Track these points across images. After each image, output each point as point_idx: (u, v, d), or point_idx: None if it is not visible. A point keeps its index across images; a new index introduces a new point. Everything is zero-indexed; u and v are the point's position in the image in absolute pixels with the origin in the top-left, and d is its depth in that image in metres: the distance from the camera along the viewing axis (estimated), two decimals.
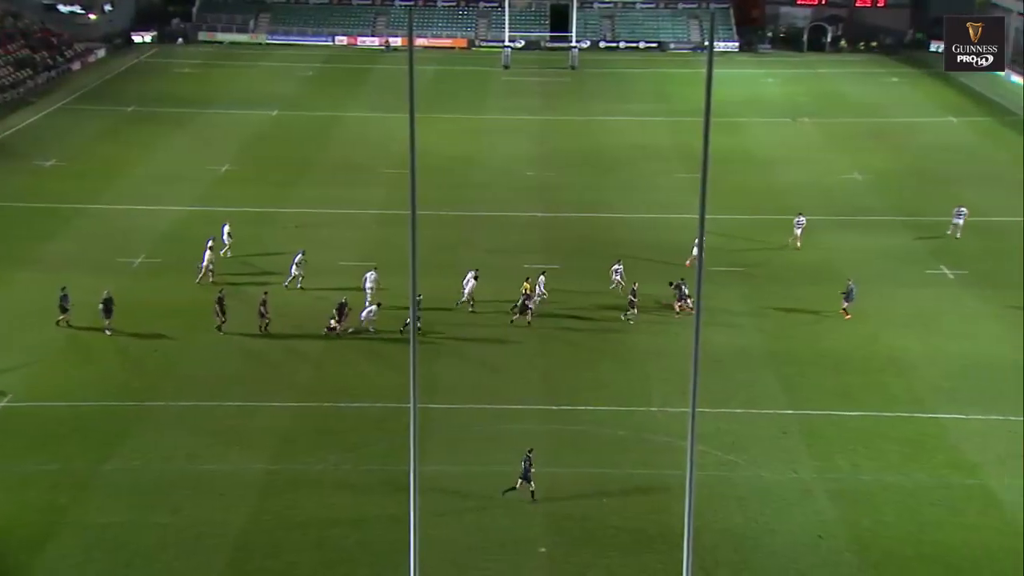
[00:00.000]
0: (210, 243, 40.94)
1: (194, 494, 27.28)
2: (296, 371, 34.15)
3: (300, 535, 25.75)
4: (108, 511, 26.59)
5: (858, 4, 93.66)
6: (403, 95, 17.51)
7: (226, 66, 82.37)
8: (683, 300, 37.42)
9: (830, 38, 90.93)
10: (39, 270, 41.25)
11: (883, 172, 55.89)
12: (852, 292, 37.41)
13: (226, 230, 43.07)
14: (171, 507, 26.73)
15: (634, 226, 47.72)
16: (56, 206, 49.11)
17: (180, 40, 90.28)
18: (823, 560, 24.98)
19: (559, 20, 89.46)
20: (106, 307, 35.81)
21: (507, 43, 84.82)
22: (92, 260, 42.41)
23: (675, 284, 37.79)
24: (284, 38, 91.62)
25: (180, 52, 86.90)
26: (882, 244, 45.32)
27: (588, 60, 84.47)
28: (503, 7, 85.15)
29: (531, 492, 26.83)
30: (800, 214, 44.17)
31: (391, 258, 39.80)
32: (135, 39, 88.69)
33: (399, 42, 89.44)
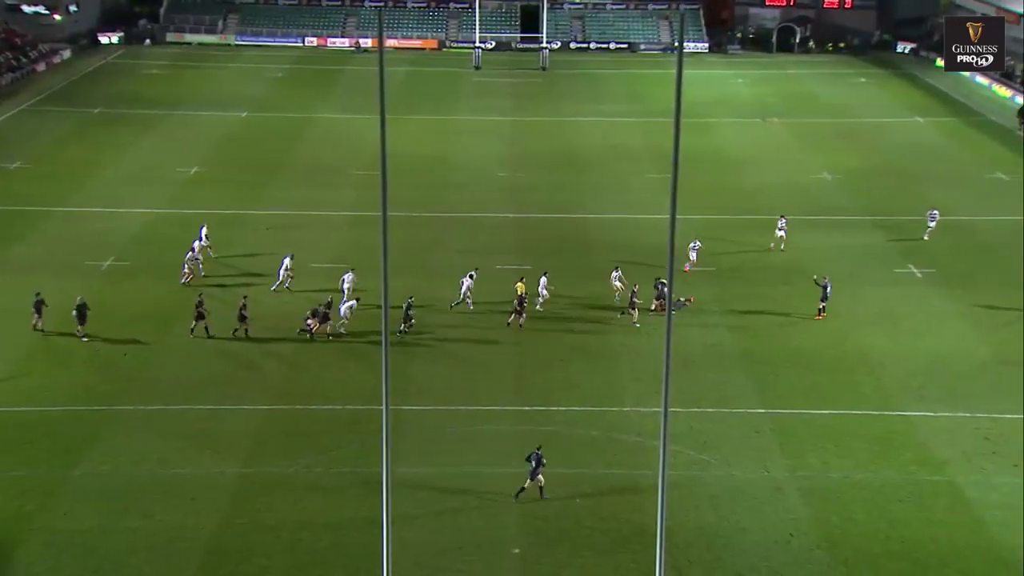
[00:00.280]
0: (196, 244, 41.37)
1: (165, 498, 27.05)
2: (268, 373, 33.96)
3: (273, 538, 25.60)
4: (77, 517, 26.31)
5: (826, 6, 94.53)
6: (374, 96, 17.46)
7: (195, 67, 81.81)
8: (661, 299, 37.56)
9: (799, 39, 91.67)
10: (5, 273, 40.84)
11: (852, 172, 56.42)
12: (827, 290, 37.48)
13: (203, 232, 42.82)
14: (142, 512, 26.49)
15: (606, 226, 47.86)
16: (22, 209, 48.58)
17: (147, 41, 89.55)
18: (794, 558, 25.16)
19: (529, 21, 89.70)
20: (80, 313, 35.41)
21: (478, 44, 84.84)
22: (60, 263, 41.98)
23: (657, 282, 37.92)
24: (253, 39, 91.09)
25: (147, 53, 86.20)
26: (851, 243, 45.73)
27: (559, 61, 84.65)
28: (473, 8, 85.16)
29: (540, 489, 26.89)
30: (782, 217, 44.44)
31: (363, 259, 39.66)
32: (101, 40, 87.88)
33: (369, 43, 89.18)
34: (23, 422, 30.63)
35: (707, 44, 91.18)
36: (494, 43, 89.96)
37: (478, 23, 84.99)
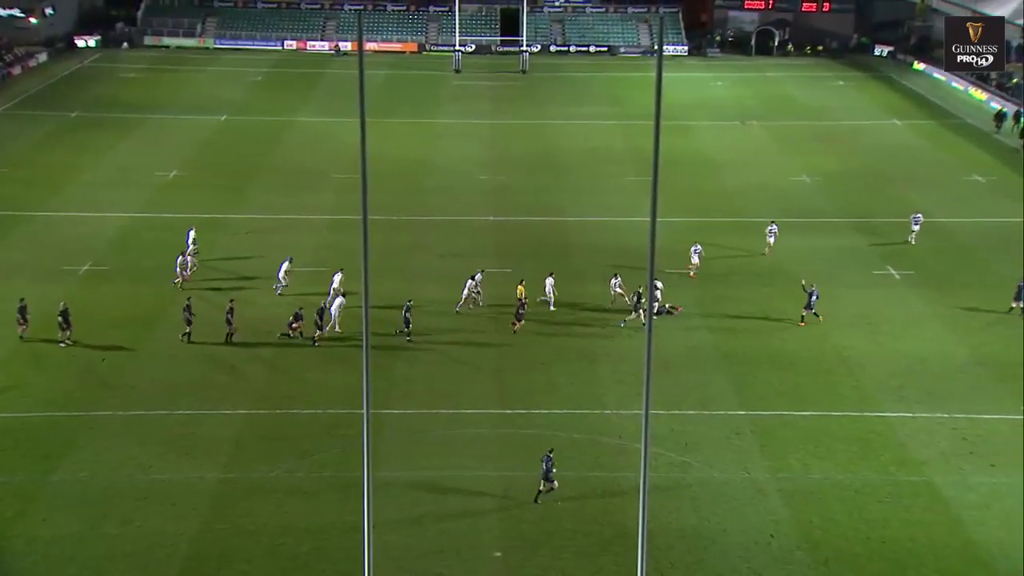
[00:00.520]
0: (190, 248, 41.24)
1: (144, 504, 26.87)
2: (249, 377, 33.78)
3: (253, 543, 25.48)
4: (55, 523, 26.10)
5: (804, 9, 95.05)
6: (354, 99, 17.42)
7: (173, 71, 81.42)
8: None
9: (777, 42, 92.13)
10: None
11: (831, 174, 56.74)
12: (813, 297, 37.40)
13: (191, 236, 42.58)
14: (121, 518, 26.30)
15: (586, 229, 47.92)
16: None
17: (125, 44, 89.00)
18: (775, 558, 25.27)
19: (509, 24, 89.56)
20: (64, 319, 35.11)
21: (458, 47, 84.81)
22: (37, 268, 41.65)
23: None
24: (232, 43, 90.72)
25: (125, 57, 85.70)
26: (830, 245, 45.97)
27: (539, 64, 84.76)
28: (453, 11, 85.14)
29: (550, 491, 26.84)
30: (772, 222, 44.52)
31: (343, 263, 39.53)
32: (78, 43, 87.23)
33: (349, 46, 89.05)
34: (0, 428, 30.35)
35: (686, 47, 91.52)
36: (474, 46, 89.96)
37: (458, 26, 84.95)
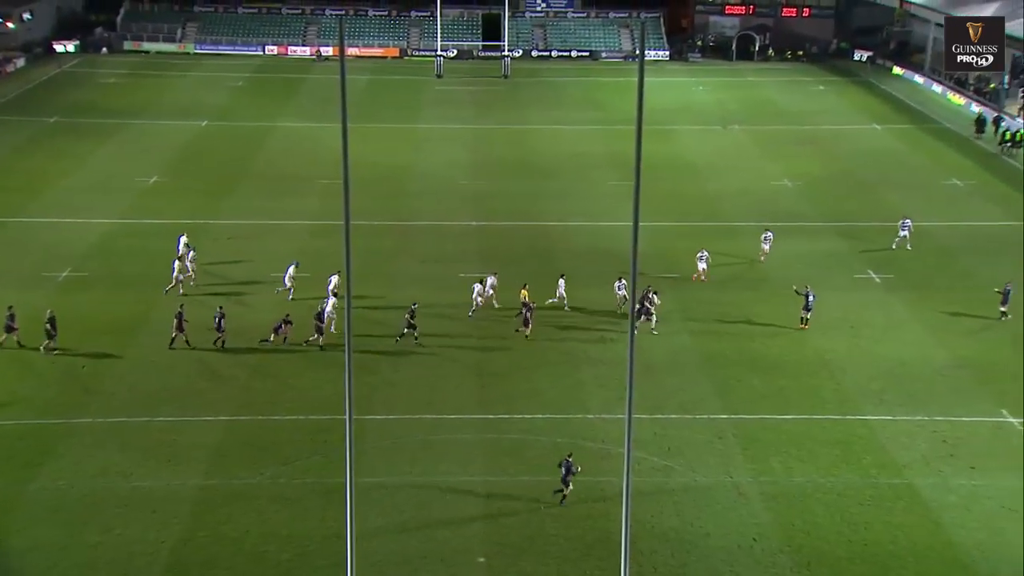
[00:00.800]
0: (191, 253, 40.93)
1: (125, 512, 26.69)
2: (230, 383, 33.60)
3: (235, 550, 25.35)
4: (34, 533, 25.88)
5: (784, 14, 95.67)
6: (335, 104, 17.40)
7: (153, 76, 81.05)
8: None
9: (758, 47, 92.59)
10: None
11: (812, 178, 57.02)
12: (810, 299, 37.50)
13: (183, 241, 42.40)
14: (101, 526, 26.11)
15: (569, 233, 47.99)
16: None
17: (104, 50, 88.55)
18: (758, 562, 25.33)
19: (491, 29, 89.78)
20: (51, 326, 34.79)
21: (439, 52, 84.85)
22: (15, 274, 41.36)
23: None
24: (213, 48, 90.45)
25: (104, 62, 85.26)
26: (811, 249, 46.18)
27: (521, 69, 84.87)
28: (435, 16, 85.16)
29: (562, 494, 27.03)
30: (767, 230, 44.61)
31: (325, 269, 39.46)
32: (56, 48, 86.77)
33: (331, 51, 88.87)
34: None
35: (668, 52, 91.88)
36: (456, 51, 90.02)
37: (439, 31, 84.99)
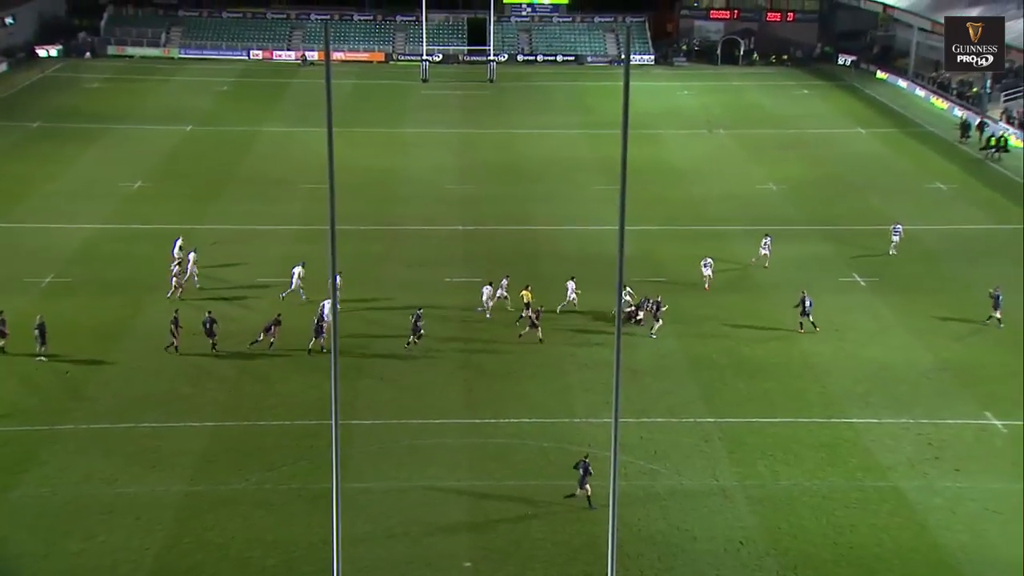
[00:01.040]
0: (192, 256, 40.65)
1: (109, 519, 26.49)
2: (215, 389, 33.43)
3: (220, 557, 25.20)
4: (16, 541, 25.66)
5: (769, 19, 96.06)
6: (321, 109, 17.36)
7: (137, 81, 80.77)
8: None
9: (743, 51, 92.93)
10: None
11: (797, 182, 57.21)
12: (806, 303, 37.53)
13: (178, 245, 42.21)
14: (84, 533, 25.91)
15: (555, 237, 48.00)
16: None
17: (88, 54, 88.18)
18: (744, 565, 25.33)
19: (476, 33, 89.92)
20: (41, 332, 34.58)
21: (425, 57, 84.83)
22: None
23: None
24: (197, 52, 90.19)
25: (88, 67, 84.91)
26: (797, 253, 46.26)
27: (506, 73, 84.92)
28: (420, 21, 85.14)
29: (588, 499, 26.84)
30: (767, 235, 44.61)
31: (311, 274, 39.35)
32: (39, 53, 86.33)
33: (316, 56, 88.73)
34: None
35: (653, 56, 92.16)
36: (441, 56, 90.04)
37: (425, 36, 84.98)
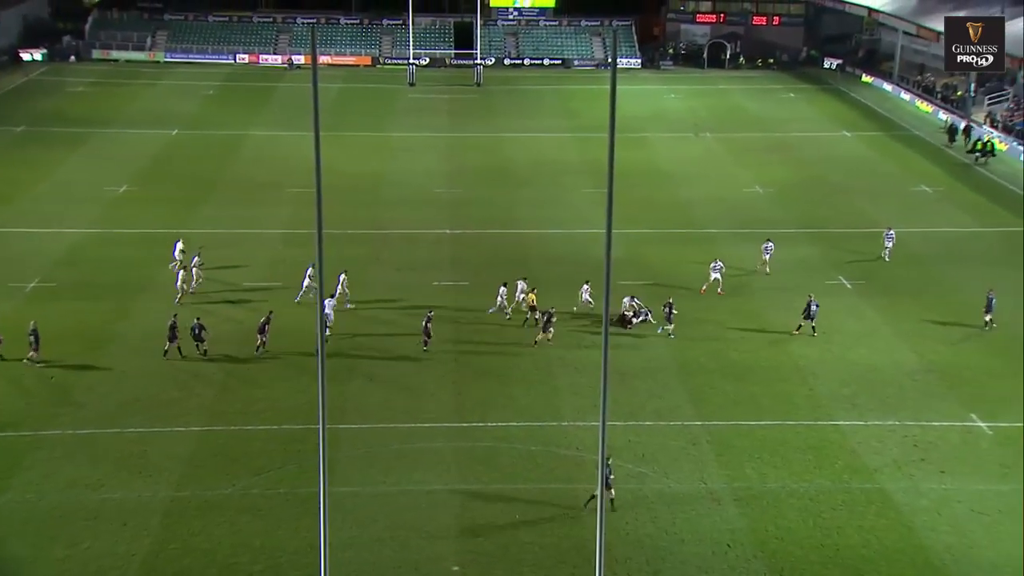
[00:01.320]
0: (196, 259, 40.53)
1: (95, 524, 26.36)
2: (202, 393, 33.29)
3: (207, 562, 25.09)
4: (1, 547, 25.46)
5: (755, 22, 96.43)
6: (307, 113, 17.34)
7: (122, 85, 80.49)
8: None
9: (729, 55, 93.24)
10: None
11: (783, 185, 57.40)
12: (811, 307, 37.63)
13: (179, 247, 42.03)
14: (70, 540, 25.76)
15: (543, 241, 48.02)
16: None
17: (72, 58, 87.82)
18: (732, 567, 25.37)
19: (463, 37, 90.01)
20: (35, 337, 34.37)
21: (412, 60, 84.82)
22: None
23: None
24: (183, 56, 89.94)
25: (72, 70, 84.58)
26: (783, 255, 46.31)
27: (493, 77, 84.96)
28: (407, 25, 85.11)
29: (611, 500, 26.64)
30: (768, 240, 44.70)
31: (298, 278, 39.28)
32: (23, 57, 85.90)
33: (302, 60, 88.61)
34: None
35: (640, 60, 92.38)
36: (428, 59, 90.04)
37: (412, 39, 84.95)
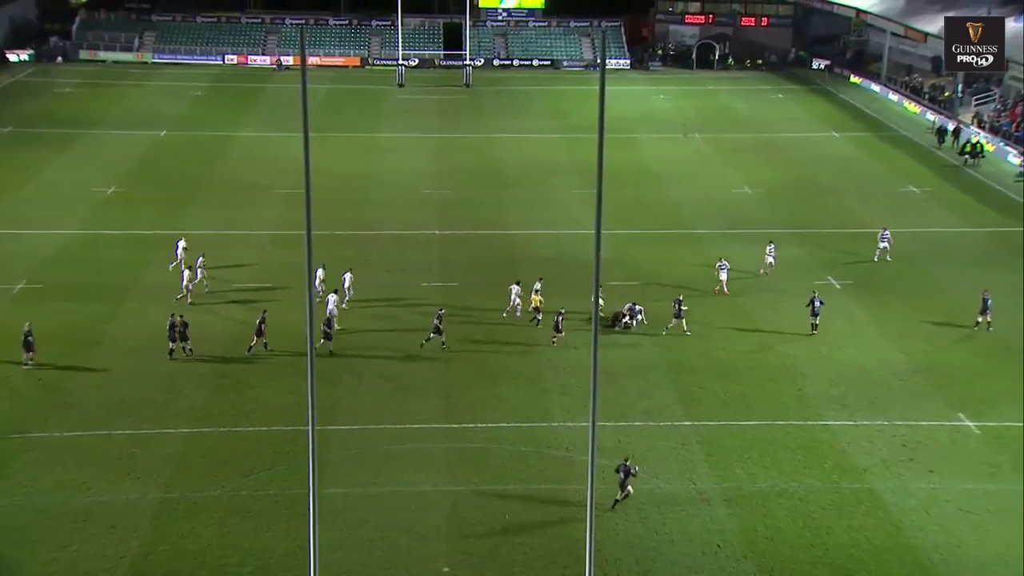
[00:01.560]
0: (200, 259, 40.41)
1: (83, 527, 26.23)
2: (190, 395, 33.18)
3: (196, 564, 24.99)
4: None
5: (743, 23, 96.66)
6: (296, 114, 17.27)
7: (110, 85, 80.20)
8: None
9: (718, 56, 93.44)
10: None
11: (772, 186, 57.53)
12: (815, 304, 37.81)
13: (181, 246, 41.84)
14: (57, 542, 25.62)
15: (532, 242, 48.01)
16: None
17: (59, 59, 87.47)
18: (722, 568, 25.39)
19: (452, 38, 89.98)
20: (26, 340, 34.18)
21: (401, 61, 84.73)
22: None
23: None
24: (171, 57, 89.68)
25: (60, 71, 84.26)
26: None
27: (482, 78, 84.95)
28: (396, 25, 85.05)
29: (625, 498, 27.01)
30: (771, 243, 44.68)
31: (287, 279, 39.21)
32: (10, 58, 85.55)
33: (291, 61, 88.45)
34: None
35: (629, 61, 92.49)
36: (417, 60, 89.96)
37: (401, 40, 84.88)
